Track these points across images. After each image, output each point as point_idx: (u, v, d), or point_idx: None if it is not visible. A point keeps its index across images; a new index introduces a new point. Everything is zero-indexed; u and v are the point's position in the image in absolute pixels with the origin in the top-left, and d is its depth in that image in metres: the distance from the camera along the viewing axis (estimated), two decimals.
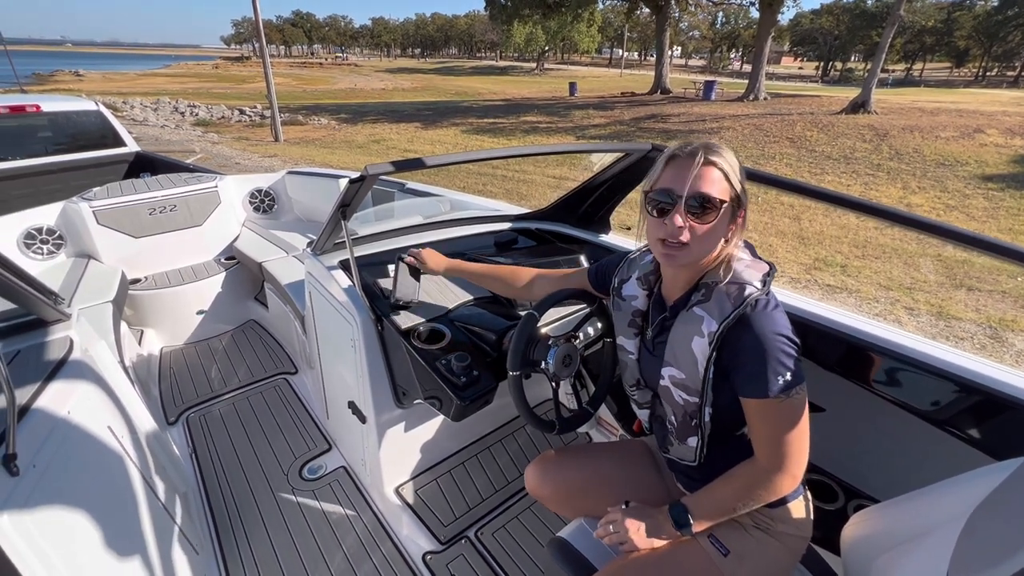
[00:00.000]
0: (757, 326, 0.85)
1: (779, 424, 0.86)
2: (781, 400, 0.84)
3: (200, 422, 2.22)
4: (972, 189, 7.82)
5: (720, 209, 0.87)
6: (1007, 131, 10.39)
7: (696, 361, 0.90)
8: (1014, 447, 1.01)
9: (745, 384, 0.87)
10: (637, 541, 0.99)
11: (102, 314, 2.15)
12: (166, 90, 27.56)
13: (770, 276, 0.91)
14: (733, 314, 0.85)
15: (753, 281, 0.88)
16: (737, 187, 0.88)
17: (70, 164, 3.85)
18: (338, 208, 1.41)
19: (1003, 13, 43.64)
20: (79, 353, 1.27)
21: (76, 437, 1.09)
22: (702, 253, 0.90)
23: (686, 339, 0.91)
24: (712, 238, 0.89)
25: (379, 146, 12.45)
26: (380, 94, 28.29)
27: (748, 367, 0.86)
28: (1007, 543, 0.56)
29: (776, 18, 17.97)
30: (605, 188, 1.92)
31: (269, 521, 1.74)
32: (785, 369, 0.83)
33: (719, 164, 0.87)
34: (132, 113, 17.46)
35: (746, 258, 0.94)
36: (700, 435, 0.96)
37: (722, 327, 0.86)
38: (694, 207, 0.86)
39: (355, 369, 1.58)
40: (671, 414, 1.00)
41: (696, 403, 0.93)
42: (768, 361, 0.84)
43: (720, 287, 0.89)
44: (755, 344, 0.84)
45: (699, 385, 0.91)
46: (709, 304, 0.89)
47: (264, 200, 3.46)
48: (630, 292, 1.10)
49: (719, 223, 0.88)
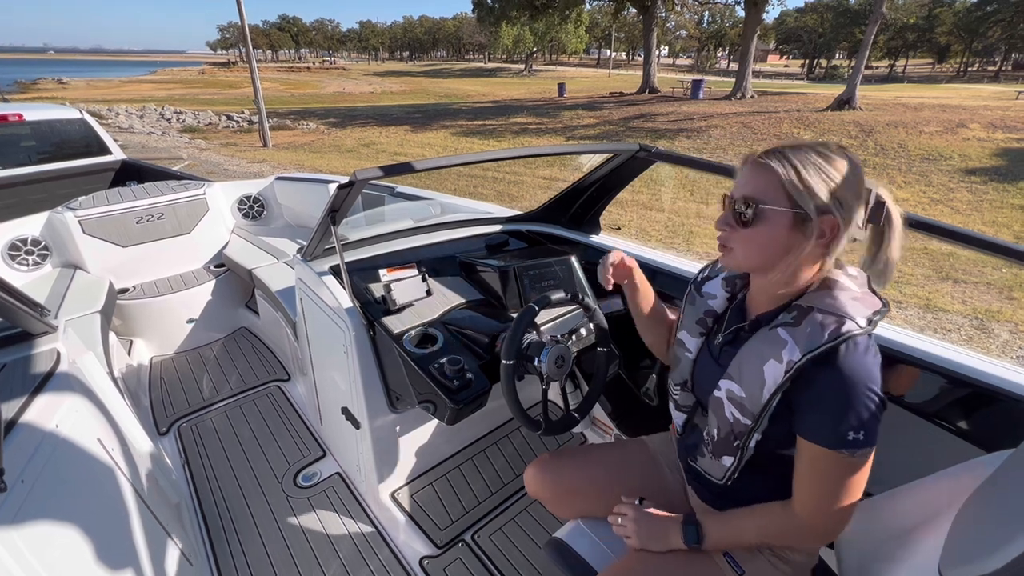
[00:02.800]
0: (847, 369, 0.75)
1: (832, 479, 0.78)
2: (843, 456, 0.76)
3: (192, 432, 2.20)
4: (956, 183, 7.95)
5: (764, 216, 0.79)
6: (989, 125, 10.57)
7: (763, 384, 0.81)
8: (1003, 439, 1.02)
9: (811, 427, 0.78)
10: (640, 542, 0.98)
11: (90, 325, 2.13)
12: (152, 97, 27.28)
13: (880, 315, 0.80)
14: (822, 348, 0.75)
15: (856, 316, 0.77)
16: (791, 190, 0.77)
17: (55, 173, 3.80)
18: (327, 213, 1.41)
19: (982, 9, 44.42)
20: (66, 365, 1.26)
21: (65, 451, 1.08)
22: (744, 259, 0.84)
23: (759, 359, 0.83)
24: (755, 245, 0.82)
25: (369, 150, 12.41)
26: (369, 97, 28.20)
27: (821, 410, 0.77)
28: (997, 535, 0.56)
29: (761, 17, 18.15)
30: (594, 189, 1.93)
31: (264, 530, 1.72)
32: (861, 427, 0.74)
33: (772, 166, 0.78)
34: (117, 120, 17.26)
35: (855, 289, 0.82)
36: (738, 457, 0.90)
37: (805, 359, 0.76)
38: (738, 211, 0.81)
39: (348, 374, 1.58)
40: (714, 427, 0.93)
41: (747, 426, 0.86)
42: (847, 412, 0.74)
43: (816, 315, 0.79)
44: (838, 388, 0.75)
45: (757, 410, 0.83)
46: (797, 329, 0.80)
47: (253, 207, 3.43)
48: (710, 290, 1.05)
49: (765, 229, 0.80)
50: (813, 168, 0.77)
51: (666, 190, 7.98)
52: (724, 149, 10.74)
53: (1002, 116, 11.20)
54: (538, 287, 1.66)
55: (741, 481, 0.92)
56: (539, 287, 1.66)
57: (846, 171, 0.77)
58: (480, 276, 1.72)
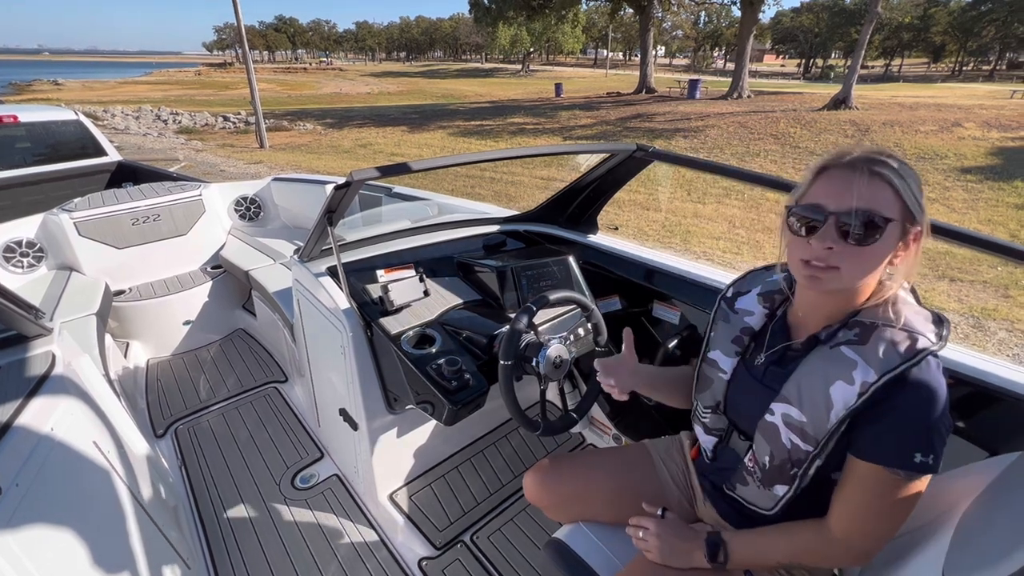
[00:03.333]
0: (922, 388, 0.72)
1: (884, 500, 0.74)
2: (900, 477, 0.72)
3: (189, 434, 2.19)
4: (952, 182, 7.98)
5: (883, 229, 0.72)
6: (984, 124, 10.61)
7: (831, 408, 0.76)
8: (1007, 441, 1.01)
9: (873, 446, 0.74)
10: (661, 557, 0.95)
11: (85, 327, 2.12)
12: (148, 98, 27.19)
13: (946, 329, 0.76)
14: (900, 368, 0.72)
15: (927, 333, 0.74)
16: (910, 204, 0.73)
17: (50, 175, 3.78)
18: (324, 214, 1.40)
19: (977, 9, 44.65)
20: (62, 368, 1.25)
21: (60, 453, 1.07)
22: (855, 279, 0.77)
23: (824, 381, 0.78)
24: (870, 264, 0.75)
25: (366, 150, 12.39)
26: (366, 98, 28.16)
27: (885, 427, 0.73)
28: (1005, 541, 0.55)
29: (758, 16, 18.20)
30: (592, 189, 1.93)
31: (261, 532, 1.71)
32: (929, 448, 0.71)
33: (884, 174, 0.72)
34: (113, 122, 17.19)
35: (912, 302, 0.79)
36: (794, 486, 0.84)
37: (882, 380, 0.72)
38: (849, 226, 0.72)
39: (345, 376, 1.57)
40: (764, 455, 0.86)
41: (808, 452, 0.80)
42: (918, 433, 0.71)
43: (885, 331, 0.75)
44: (910, 407, 0.72)
45: (822, 434, 0.78)
46: (865, 348, 0.75)
47: (250, 208, 3.42)
48: (745, 306, 0.98)
49: (880, 247, 0.73)
50: (911, 175, 0.74)
51: (663, 190, 7.99)
52: (721, 149, 10.76)
53: (997, 115, 11.25)
54: (536, 287, 1.65)
55: (791, 510, 0.87)
56: (537, 287, 1.65)
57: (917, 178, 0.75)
58: (478, 276, 1.72)
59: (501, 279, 1.63)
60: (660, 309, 1.84)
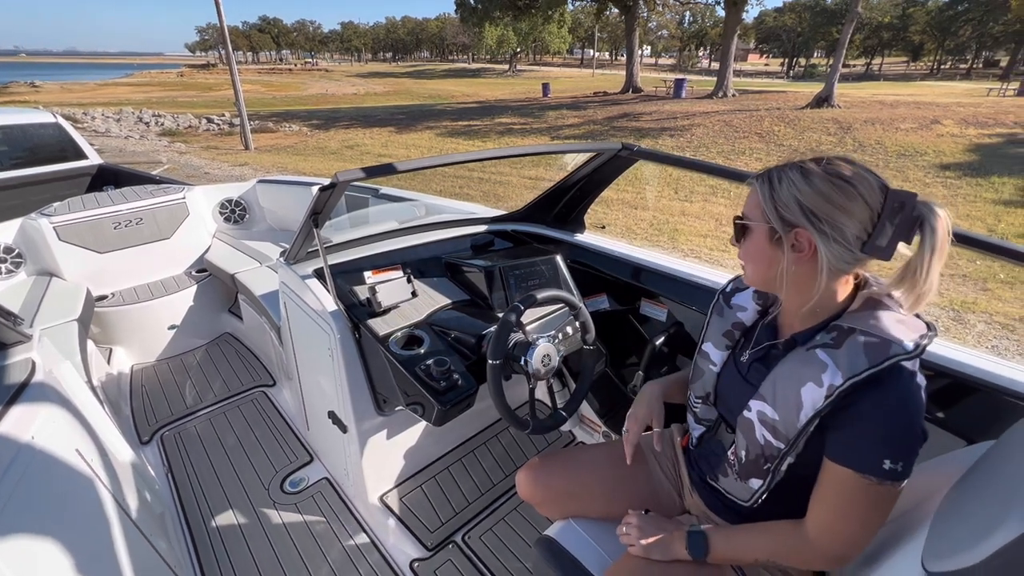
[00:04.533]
0: (892, 396, 0.72)
1: (856, 505, 0.75)
2: (871, 483, 0.73)
3: (175, 440, 2.16)
4: (932, 178, 8.14)
5: (749, 232, 0.85)
6: (961, 121, 10.84)
7: (800, 408, 0.78)
8: (984, 430, 1.04)
9: (844, 450, 0.75)
10: (643, 550, 0.98)
11: (66, 334, 2.08)
12: (129, 100, 26.71)
13: (928, 340, 0.75)
14: (866, 373, 0.72)
15: (904, 340, 0.73)
16: (768, 210, 0.80)
17: (28, 179, 3.70)
18: (309, 216, 1.39)
19: (954, 8, 45.60)
20: (42, 375, 1.23)
21: (42, 462, 1.05)
22: (754, 276, 0.88)
23: (795, 381, 0.80)
24: (753, 262, 0.86)
25: (353, 152, 12.31)
26: (352, 99, 27.96)
27: (856, 432, 0.74)
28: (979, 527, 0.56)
29: (741, 16, 18.39)
30: (578, 188, 1.94)
31: (251, 537, 1.70)
32: (899, 457, 0.71)
33: (754, 184, 0.84)
34: (93, 124, 16.87)
35: (899, 311, 0.79)
36: (767, 481, 0.87)
37: (848, 383, 0.73)
38: (735, 228, 0.88)
39: (334, 378, 1.56)
40: (742, 449, 0.90)
41: (779, 449, 0.83)
42: (886, 440, 0.72)
43: (858, 336, 0.76)
44: (879, 412, 0.73)
45: (792, 434, 0.80)
46: (838, 352, 0.76)
47: (235, 210, 3.38)
48: (740, 302, 1.03)
49: (755, 247, 0.84)
50: (787, 183, 0.78)
51: (651, 188, 8.05)
52: (707, 147, 10.86)
53: (974, 112, 11.51)
54: (524, 286, 1.66)
55: (767, 504, 0.90)
56: (525, 286, 1.66)
57: (821, 185, 0.75)
58: (466, 276, 1.72)
59: (489, 279, 1.63)
60: (648, 307, 1.85)
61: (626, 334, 1.93)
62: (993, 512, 0.57)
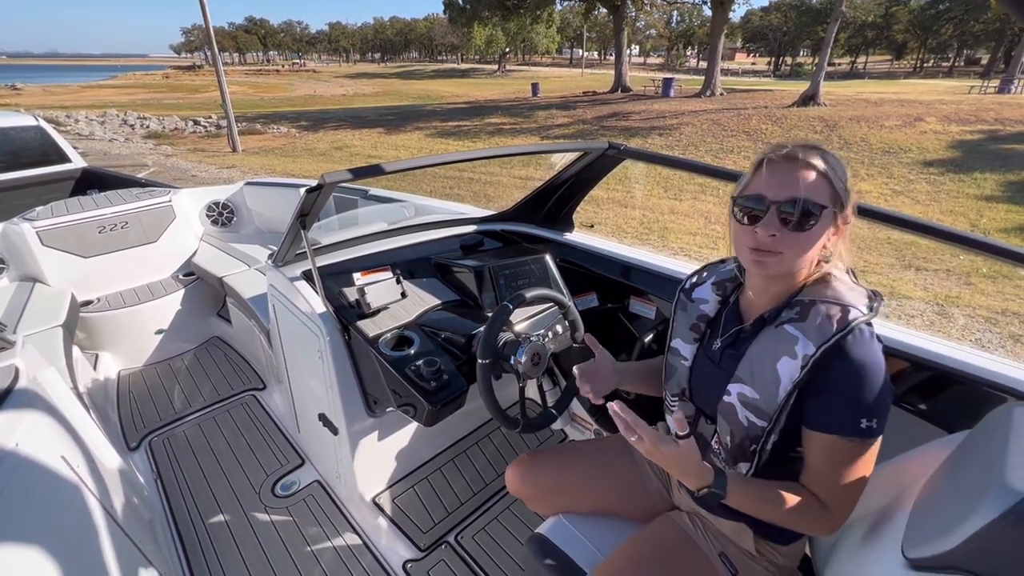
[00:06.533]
0: (856, 356, 0.76)
1: (844, 468, 0.78)
2: (854, 443, 0.77)
3: (164, 446, 2.13)
4: (916, 175, 8.27)
5: (819, 215, 0.78)
6: (944, 118, 11.03)
7: (779, 383, 0.81)
8: (963, 420, 1.06)
9: (822, 416, 0.79)
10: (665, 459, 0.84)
11: (51, 339, 2.05)
12: (113, 102, 26.35)
13: (878, 301, 0.82)
14: (835, 338, 0.76)
15: (859, 305, 0.79)
16: (839, 191, 0.80)
17: (10, 183, 3.64)
18: (297, 218, 1.39)
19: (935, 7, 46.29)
20: (25, 381, 1.21)
21: (27, 470, 1.04)
22: (796, 263, 0.82)
23: (771, 358, 0.83)
24: (808, 248, 0.80)
25: (342, 153, 12.24)
26: (341, 100, 27.79)
27: (832, 399, 0.78)
28: (955, 514, 0.58)
29: (728, 16, 18.56)
30: (566, 188, 1.95)
31: (242, 542, 1.69)
32: (873, 413, 0.76)
33: (816, 165, 0.79)
34: (77, 127, 16.62)
35: (847, 280, 0.85)
36: (754, 462, 0.88)
37: (820, 351, 0.77)
38: (788, 213, 0.78)
39: (324, 381, 1.56)
40: (726, 435, 0.91)
41: (763, 427, 0.85)
42: (858, 399, 0.76)
43: (820, 306, 0.80)
44: (849, 376, 0.76)
45: (773, 409, 0.82)
46: (805, 324, 0.80)
47: (222, 213, 3.35)
48: (701, 296, 1.04)
49: (816, 231, 0.79)
50: (838, 163, 0.81)
51: (640, 187, 8.09)
52: (696, 146, 10.94)
53: (956, 110, 11.70)
54: (514, 286, 1.66)
55: None
56: (515, 286, 1.66)
57: (841, 163, 0.82)
58: (455, 277, 1.72)
59: (479, 279, 1.63)
60: (637, 305, 1.87)
61: (616, 332, 1.94)
62: (969, 498, 0.59)
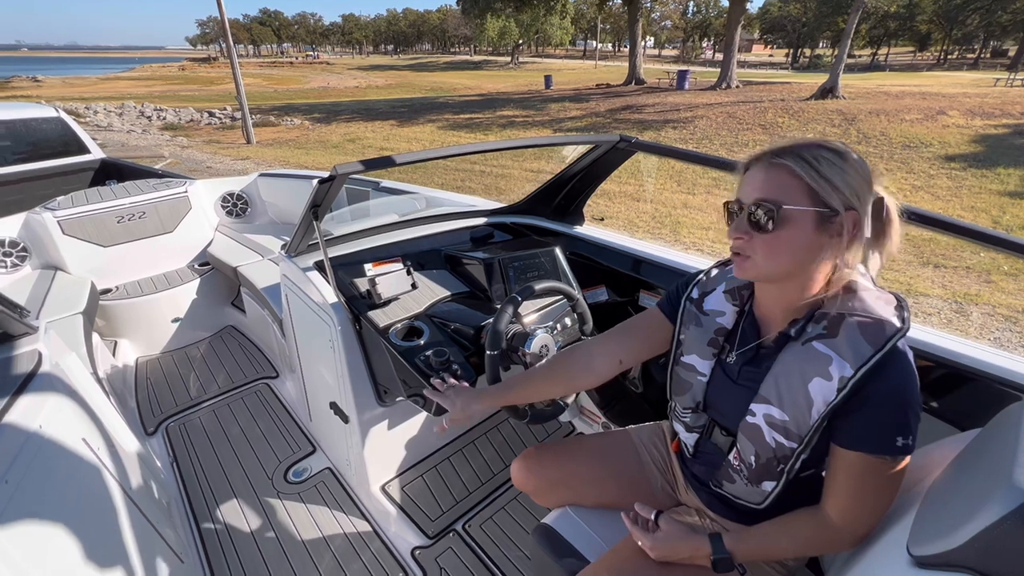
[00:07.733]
0: (897, 376, 0.73)
1: (875, 484, 0.76)
2: (886, 461, 0.74)
3: (180, 431, 2.19)
4: (936, 169, 8.08)
5: (787, 218, 0.74)
6: (968, 112, 10.74)
7: (811, 405, 0.77)
8: (974, 418, 1.05)
9: (853, 433, 0.75)
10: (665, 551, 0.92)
11: (72, 326, 2.10)
12: (131, 94, 26.73)
13: (907, 311, 0.77)
14: (875, 358, 0.72)
15: (892, 318, 0.74)
16: (820, 190, 0.73)
17: (31, 174, 3.72)
18: (309, 209, 1.40)
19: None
20: (48, 366, 1.25)
21: (49, 451, 1.07)
22: (770, 266, 0.78)
23: (800, 379, 0.78)
24: (783, 251, 0.76)
25: (354, 145, 12.30)
26: (354, 92, 27.87)
27: (868, 419, 0.74)
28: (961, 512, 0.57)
29: (745, 6, 18.20)
30: (577, 180, 1.94)
31: (255, 526, 1.73)
32: (909, 430, 0.73)
33: (786, 165, 0.74)
34: (96, 119, 16.89)
35: (872, 287, 0.79)
36: (782, 480, 0.85)
37: (860, 373, 0.73)
38: (753, 214, 0.76)
39: (335, 370, 1.58)
40: (750, 455, 0.87)
41: (793, 448, 0.81)
42: (896, 417, 0.73)
43: (850, 321, 0.75)
44: (887, 397, 0.73)
45: (805, 431, 0.79)
46: (836, 341, 0.75)
47: (237, 204, 3.40)
48: (715, 307, 0.96)
49: (795, 234, 0.75)
50: (827, 162, 0.73)
51: (653, 181, 8.02)
52: (710, 139, 10.80)
53: (980, 103, 11.39)
54: (523, 278, 1.67)
55: (780, 502, 0.88)
56: (524, 278, 1.67)
57: (857, 163, 0.75)
58: (465, 268, 1.73)
59: (488, 271, 1.64)
60: (647, 299, 1.86)
61: None
62: (976, 496, 0.58)
